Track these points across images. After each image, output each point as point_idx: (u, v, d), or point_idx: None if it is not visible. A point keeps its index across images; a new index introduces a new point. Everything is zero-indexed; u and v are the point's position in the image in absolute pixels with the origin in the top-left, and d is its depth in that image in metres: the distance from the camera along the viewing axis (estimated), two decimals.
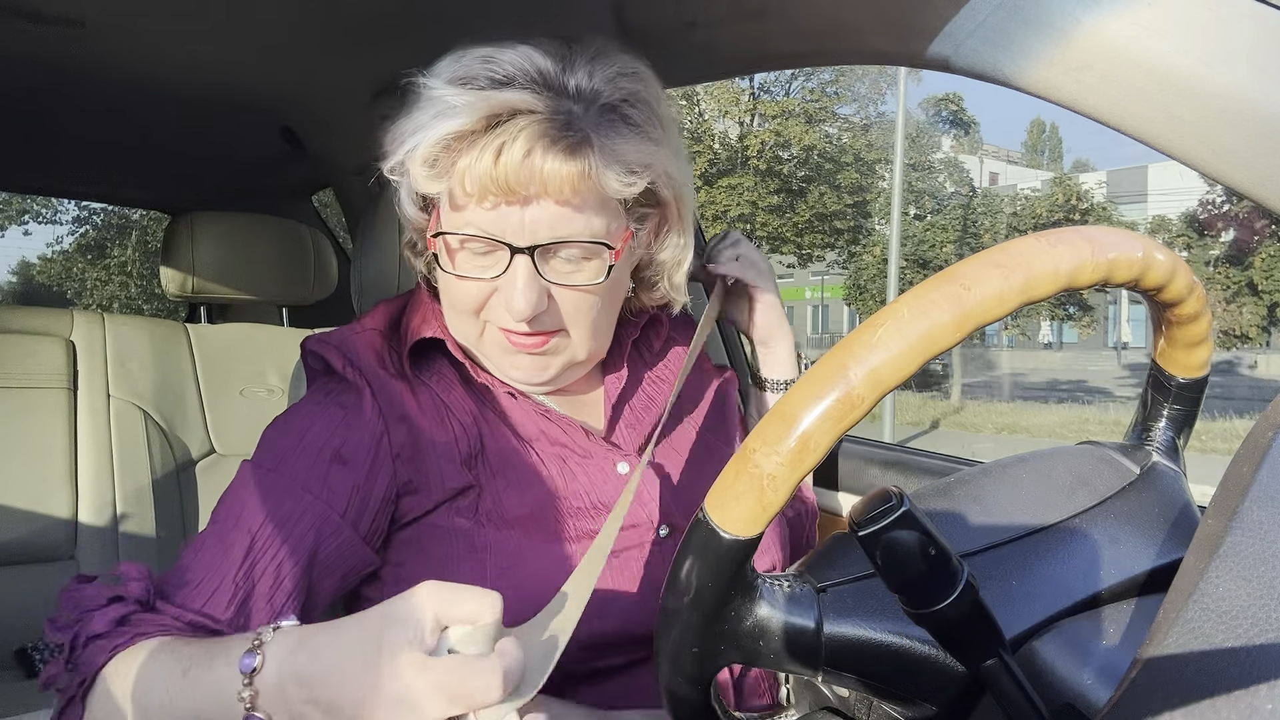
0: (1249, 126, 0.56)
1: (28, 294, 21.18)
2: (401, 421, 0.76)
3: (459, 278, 0.75)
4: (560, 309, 0.75)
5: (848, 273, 20.91)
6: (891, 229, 14.16)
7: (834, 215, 18.26)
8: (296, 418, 0.77)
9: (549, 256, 0.73)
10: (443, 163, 0.72)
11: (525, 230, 0.71)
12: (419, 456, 0.76)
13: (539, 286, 0.73)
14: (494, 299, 0.75)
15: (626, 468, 0.80)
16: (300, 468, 0.72)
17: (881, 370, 0.41)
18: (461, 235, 0.73)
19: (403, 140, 0.75)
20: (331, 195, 2.28)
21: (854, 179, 18.17)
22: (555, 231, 0.71)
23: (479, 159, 0.68)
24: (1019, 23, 0.67)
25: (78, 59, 1.51)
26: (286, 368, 1.95)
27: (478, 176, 0.69)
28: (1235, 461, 0.42)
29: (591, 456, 0.80)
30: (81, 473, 1.68)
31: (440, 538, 0.75)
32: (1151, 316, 0.57)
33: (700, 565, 0.45)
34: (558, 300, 0.75)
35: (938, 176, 24.24)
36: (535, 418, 0.80)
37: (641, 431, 0.86)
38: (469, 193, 0.70)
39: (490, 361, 0.80)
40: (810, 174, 18.03)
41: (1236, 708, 0.31)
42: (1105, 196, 22.96)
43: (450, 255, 0.75)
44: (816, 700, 0.71)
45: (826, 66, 15.51)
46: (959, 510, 0.57)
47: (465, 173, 0.69)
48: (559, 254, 0.73)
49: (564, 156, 0.68)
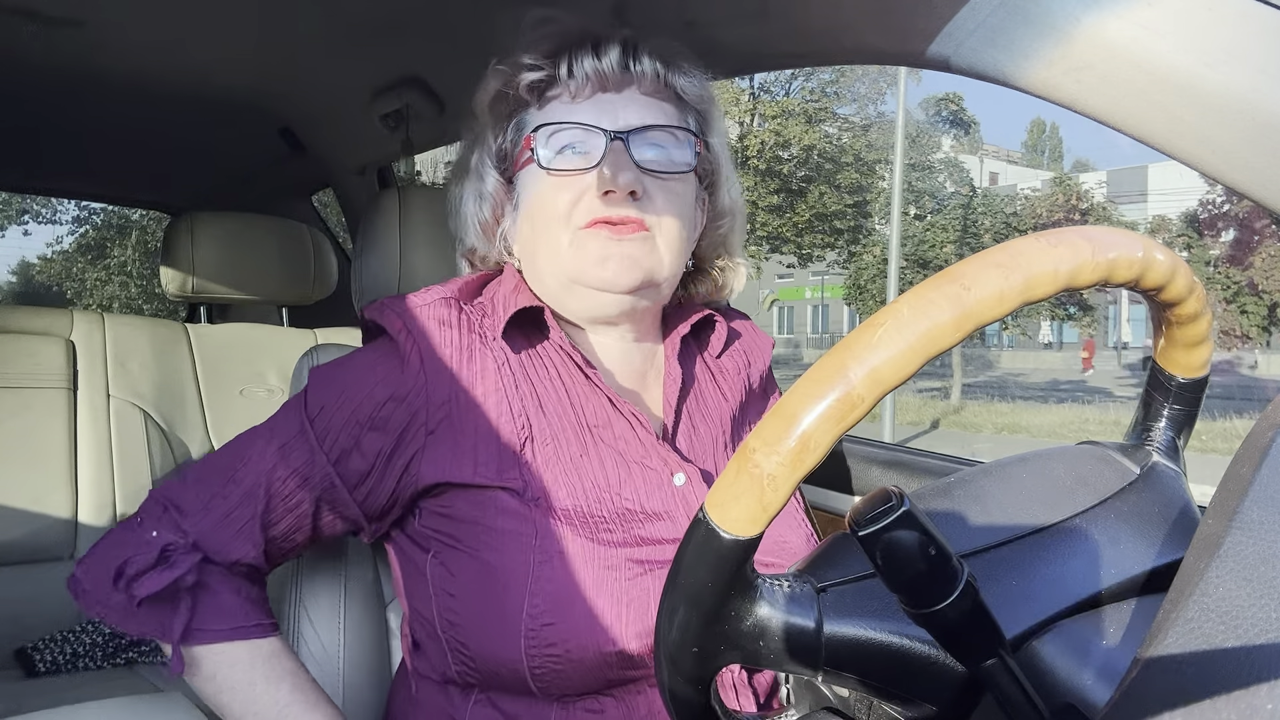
0: (1249, 126, 0.56)
1: (28, 294, 21.18)
2: (447, 395, 0.78)
3: (557, 173, 0.80)
4: (650, 202, 0.79)
5: (848, 273, 20.91)
6: (891, 229, 14.17)
7: (834, 215, 18.26)
8: (347, 371, 0.82)
9: (640, 144, 0.79)
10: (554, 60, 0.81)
11: (619, 118, 0.80)
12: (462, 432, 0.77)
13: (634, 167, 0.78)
14: (586, 197, 0.79)
15: (683, 479, 0.80)
16: (332, 425, 0.79)
17: (882, 370, 0.41)
18: (560, 124, 0.80)
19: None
20: (331, 195, 2.28)
21: (854, 179, 18.17)
22: (645, 118, 0.80)
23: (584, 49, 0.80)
24: (1019, 23, 0.67)
25: (78, 59, 1.52)
26: (286, 368, 1.95)
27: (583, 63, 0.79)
28: (1235, 461, 0.42)
29: (649, 460, 0.80)
30: (81, 473, 1.68)
31: (490, 514, 0.76)
32: (1151, 316, 0.57)
33: (700, 565, 0.45)
34: (648, 192, 0.79)
35: (938, 176, 24.26)
36: (604, 405, 0.80)
37: (703, 441, 0.85)
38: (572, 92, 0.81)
39: (587, 268, 0.79)
40: (810, 174, 18.03)
41: (1236, 708, 0.31)
42: (1105, 196, 22.96)
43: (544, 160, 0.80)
44: (816, 700, 0.71)
45: (826, 66, 15.52)
46: (959, 510, 0.57)
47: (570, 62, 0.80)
48: (649, 139, 0.80)
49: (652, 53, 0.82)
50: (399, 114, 1.59)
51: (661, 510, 0.77)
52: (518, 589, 0.73)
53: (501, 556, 0.74)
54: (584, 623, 0.72)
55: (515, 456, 0.77)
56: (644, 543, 0.76)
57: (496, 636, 0.73)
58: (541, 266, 0.82)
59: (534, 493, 0.76)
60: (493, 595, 0.74)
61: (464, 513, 0.77)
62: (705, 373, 0.91)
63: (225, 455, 0.81)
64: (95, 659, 1.59)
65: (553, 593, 0.72)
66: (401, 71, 1.50)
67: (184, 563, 0.76)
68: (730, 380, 0.92)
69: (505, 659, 0.73)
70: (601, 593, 0.72)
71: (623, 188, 0.77)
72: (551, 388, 0.80)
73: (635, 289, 0.80)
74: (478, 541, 0.75)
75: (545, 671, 0.72)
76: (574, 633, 0.72)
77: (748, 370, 0.94)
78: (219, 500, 0.79)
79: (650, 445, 0.80)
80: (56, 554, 1.64)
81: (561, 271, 0.80)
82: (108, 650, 1.61)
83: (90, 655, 1.59)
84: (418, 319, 0.81)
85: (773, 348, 1.01)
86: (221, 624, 0.77)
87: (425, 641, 0.81)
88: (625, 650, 0.72)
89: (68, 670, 1.58)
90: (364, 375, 0.80)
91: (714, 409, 0.89)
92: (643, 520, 0.77)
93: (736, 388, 0.92)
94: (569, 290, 0.81)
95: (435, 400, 0.78)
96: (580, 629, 0.72)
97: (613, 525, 0.76)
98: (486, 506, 0.76)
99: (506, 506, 0.75)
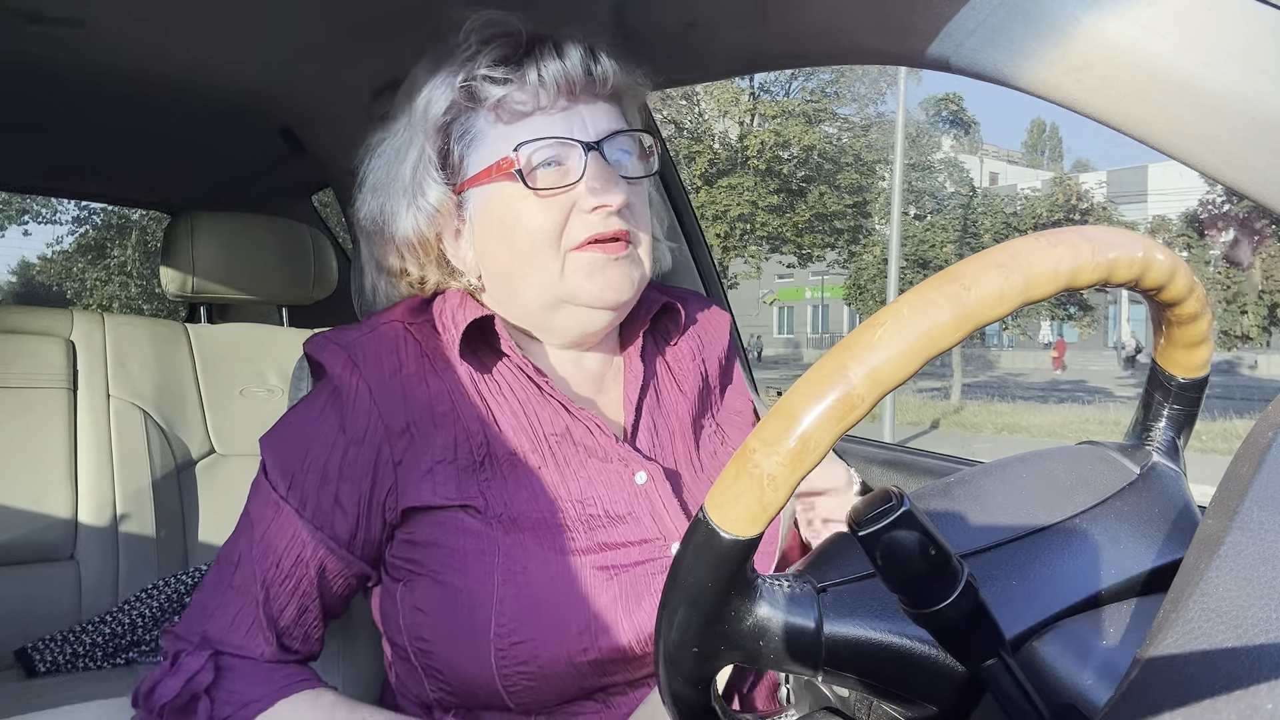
0: (1249, 126, 0.56)
1: (28, 294, 21.18)
2: (404, 424, 0.76)
3: (546, 192, 0.77)
4: (630, 211, 0.79)
5: (848, 273, 20.91)
6: (891, 229, 14.16)
7: (834, 215, 18.26)
8: (300, 427, 0.78)
9: (613, 151, 0.79)
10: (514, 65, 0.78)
11: (590, 128, 0.79)
12: (423, 457, 0.76)
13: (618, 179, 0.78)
14: (572, 217, 0.77)
15: (645, 477, 0.79)
16: (308, 493, 0.76)
17: (882, 370, 0.41)
18: (539, 141, 0.77)
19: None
20: (331, 195, 2.28)
21: (854, 179, 18.17)
22: (612, 124, 0.80)
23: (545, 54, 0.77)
24: (1019, 23, 0.67)
25: (78, 59, 1.51)
26: (286, 368, 1.95)
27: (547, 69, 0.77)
28: (1235, 461, 0.42)
29: (610, 461, 0.79)
30: (81, 473, 1.68)
31: (450, 534, 0.75)
32: (1152, 316, 0.57)
33: (700, 565, 0.45)
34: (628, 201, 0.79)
35: (938, 176, 24.26)
36: (561, 414, 0.79)
37: (662, 438, 0.85)
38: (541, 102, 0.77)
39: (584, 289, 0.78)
40: (810, 174, 18.02)
41: (1236, 708, 0.31)
42: (1105, 196, 22.96)
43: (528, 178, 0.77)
44: (816, 700, 0.71)
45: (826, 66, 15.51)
46: (959, 510, 0.57)
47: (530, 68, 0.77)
48: (619, 146, 0.80)
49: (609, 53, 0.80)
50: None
51: (625, 512, 0.77)
52: (484, 609, 0.72)
53: (465, 578, 0.73)
54: (553, 636, 0.71)
55: (474, 475, 0.76)
56: (607, 548, 0.75)
57: (468, 658, 0.72)
58: (523, 290, 0.80)
59: (495, 510, 0.75)
60: (460, 617, 0.73)
61: (426, 537, 0.76)
62: (663, 366, 0.90)
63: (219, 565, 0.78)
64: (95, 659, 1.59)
65: (519, 610, 0.72)
66: (401, 71, 1.50)
67: (193, 663, 0.72)
68: (685, 370, 0.90)
69: (479, 679, 0.72)
70: (568, 604, 0.72)
71: (618, 204, 0.76)
72: (506, 402, 0.79)
73: (627, 303, 0.80)
74: (441, 564, 0.75)
75: (520, 688, 0.72)
76: (544, 647, 0.71)
77: (702, 355, 0.92)
78: (220, 610, 0.75)
79: (610, 447, 0.79)
80: (56, 554, 1.64)
81: (551, 294, 0.78)
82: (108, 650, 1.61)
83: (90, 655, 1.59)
84: (363, 350, 0.78)
85: (730, 322, 0.98)
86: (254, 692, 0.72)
87: (400, 668, 0.80)
88: (598, 658, 0.72)
89: (68, 670, 1.58)
90: (319, 428, 0.77)
91: (672, 405, 0.88)
92: (606, 525, 0.76)
93: (692, 378, 0.90)
94: (556, 310, 0.80)
95: (394, 430, 0.76)
96: (550, 642, 0.71)
97: (575, 534, 0.75)
98: (448, 528, 0.75)
99: (467, 527, 0.75)
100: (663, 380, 0.89)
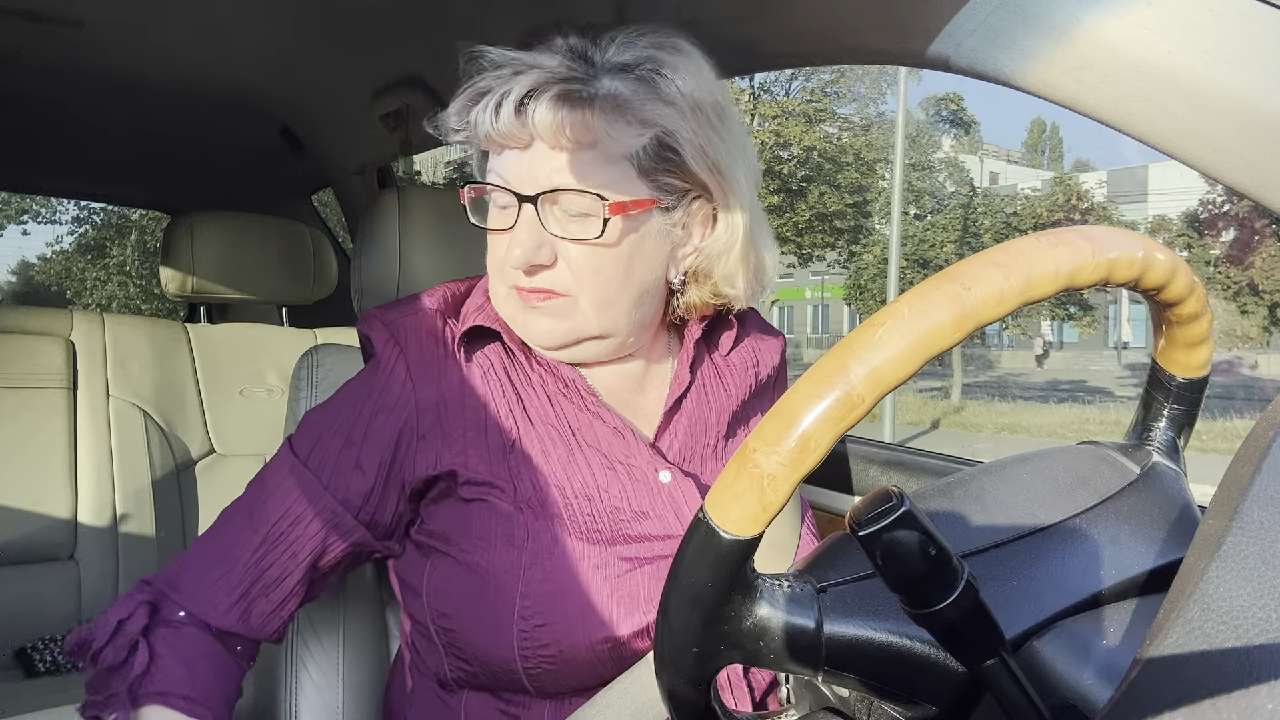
0: (1249, 126, 0.56)
1: (27, 294, 21.17)
2: (435, 400, 0.77)
3: (485, 229, 0.78)
4: (566, 268, 0.75)
5: (848, 273, 20.91)
6: (891, 229, 14.17)
7: (834, 215, 18.26)
8: (338, 396, 0.81)
9: (551, 206, 0.74)
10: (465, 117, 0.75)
11: (528, 178, 0.73)
12: (452, 433, 0.77)
13: (538, 235, 0.74)
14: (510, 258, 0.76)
15: (669, 477, 0.79)
16: (328, 456, 0.78)
17: (882, 370, 0.41)
18: (479, 185, 0.77)
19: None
20: (331, 195, 2.28)
21: (854, 179, 18.17)
22: (553, 180, 0.72)
23: (485, 109, 0.72)
24: (1019, 23, 0.67)
25: (77, 59, 1.52)
26: (286, 368, 1.95)
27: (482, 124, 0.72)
28: (1235, 461, 0.42)
29: (634, 460, 0.79)
30: (81, 473, 1.68)
31: (479, 516, 0.76)
32: (1152, 316, 0.57)
33: (700, 565, 0.45)
34: (564, 259, 0.75)
35: (938, 176, 24.25)
36: (588, 410, 0.80)
37: (694, 441, 0.84)
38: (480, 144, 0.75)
39: (515, 323, 0.79)
40: (810, 174, 18.03)
41: (1236, 708, 0.31)
42: (1105, 196, 22.97)
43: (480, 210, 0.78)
44: (816, 700, 0.71)
45: (826, 66, 15.51)
46: (959, 510, 0.57)
47: (475, 123, 0.73)
48: (559, 204, 0.73)
49: (554, 104, 0.70)
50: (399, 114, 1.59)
51: (648, 509, 0.78)
52: (509, 591, 0.73)
53: (491, 560, 0.74)
54: (576, 621, 0.72)
55: (503, 458, 0.77)
56: (632, 540, 0.76)
57: (490, 639, 0.73)
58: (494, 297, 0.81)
59: (522, 494, 0.76)
60: (485, 599, 0.74)
61: (454, 518, 0.77)
62: (711, 369, 0.89)
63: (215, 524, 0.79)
64: None
65: (544, 594, 0.73)
66: (401, 71, 1.50)
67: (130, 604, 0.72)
68: (737, 376, 0.90)
69: (500, 660, 0.73)
70: (592, 591, 0.73)
71: (527, 268, 0.74)
72: (535, 395, 0.80)
73: (565, 346, 0.78)
74: (468, 545, 0.76)
75: (540, 671, 0.73)
76: (567, 632, 0.72)
77: (755, 368, 0.93)
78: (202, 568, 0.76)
79: (634, 445, 0.79)
80: (56, 554, 1.64)
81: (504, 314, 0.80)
82: None
83: None
84: (404, 328, 0.81)
85: (784, 345, 0.98)
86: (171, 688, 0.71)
87: (421, 643, 0.81)
88: (618, 647, 0.73)
89: (68, 670, 1.58)
90: (351, 396, 0.80)
91: (715, 406, 0.87)
92: (630, 519, 0.77)
93: (742, 384, 0.90)
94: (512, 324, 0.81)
95: (423, 404, 0.78)
96: (573, 628, 0.72)
97: (601, 524, 0.76)
98: (475, 510, 0.76)
99: (495, 509, 0.76)
100: (709, 382, 0.88)
